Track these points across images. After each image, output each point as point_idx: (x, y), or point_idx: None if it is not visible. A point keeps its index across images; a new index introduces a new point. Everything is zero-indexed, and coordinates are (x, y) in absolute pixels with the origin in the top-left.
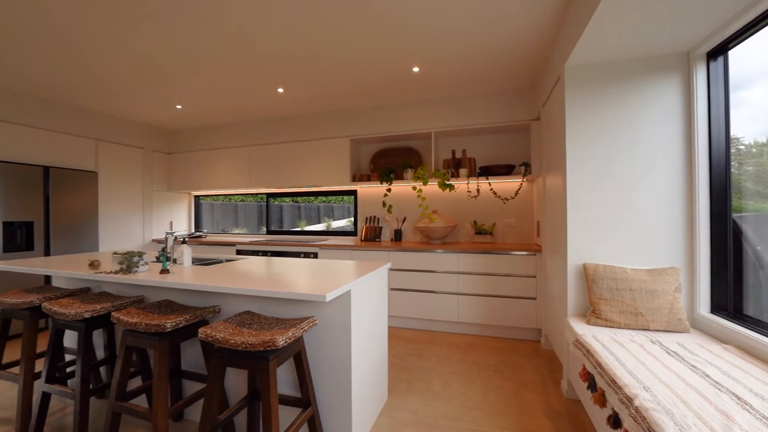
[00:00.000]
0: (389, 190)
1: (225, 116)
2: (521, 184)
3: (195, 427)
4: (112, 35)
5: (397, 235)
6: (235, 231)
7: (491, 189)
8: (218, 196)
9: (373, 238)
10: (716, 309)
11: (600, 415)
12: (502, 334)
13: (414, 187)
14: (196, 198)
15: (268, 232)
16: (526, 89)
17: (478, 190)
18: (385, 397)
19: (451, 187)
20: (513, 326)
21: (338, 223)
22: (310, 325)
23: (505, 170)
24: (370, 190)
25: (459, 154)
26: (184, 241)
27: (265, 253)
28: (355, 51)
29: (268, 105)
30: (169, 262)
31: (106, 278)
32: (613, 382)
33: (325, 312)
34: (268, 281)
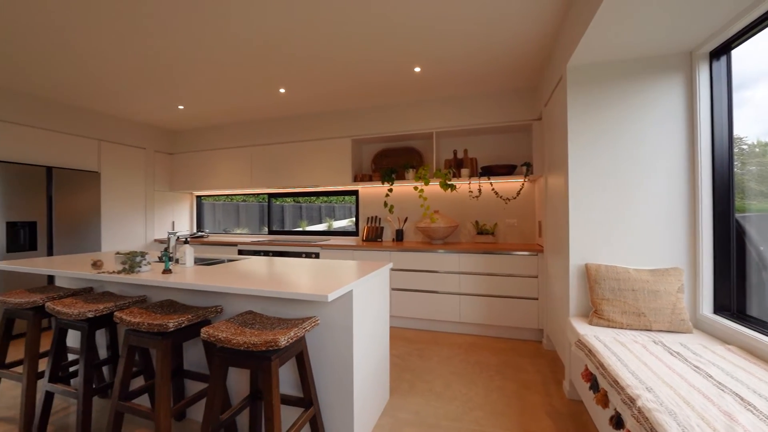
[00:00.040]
0: (391, 191)
1: (227, 116)
2: (523, 184)
3: (197, 427)
4: (111, 35)
5: (399, 236)
6: (237, 231)
7: (493, 189)
8: (220, 196)
9: (375, 239)
10: (719, 309)
11: (602, 416)
12: (504, 334)
13: (415, 188)
14: (198, 198)
15: (270, 232)
16: (528, 89)
17: (479, 190)
18: (386, 397)
19: (453, 187)
20: (515, 326)
21: (339, 223)
22: (312, 325)
23: (507, 170)
24: (372, 190)
25: (460, 154)
26: (186, 241)
27: (266, 253)
28: (356, 51)
29: (270, 105)
30: (172, 262)
31: (109, 278)
32: (616, 382)
33: (327, 312)
34: (270, 281)
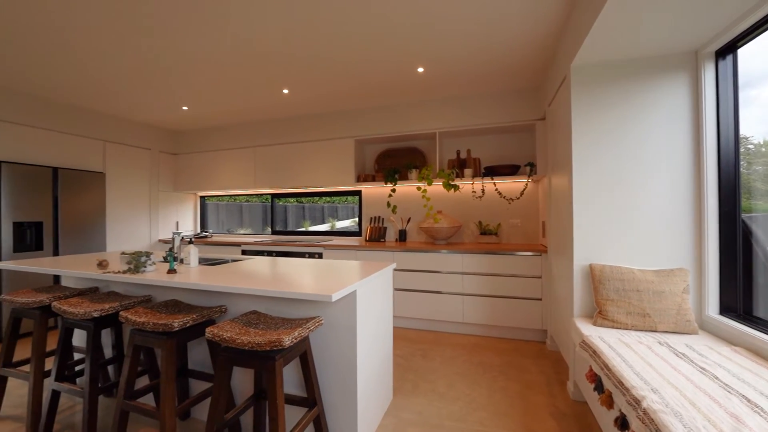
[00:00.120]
0: (394, 191)
1: (230, 117)
2: (526, 185)
3: (201, 426)
4: (111, 35)
5: (402, 236)
6: (240, 231)
7: (496, 189)
8: (223, 196)
9: (378, 239)
10: (725, 310)
11: (607, 417)
12: (507, 334)
13: (418, 188)
14: (202, 198)
15: (273, 233)
16: (532, 89)
17: (483, 191)
18: (390, 397)
19: (456, 188)
20: (518, 327)
21: (342, 224)
22: (316, 325)
23: (510, 170)
24: (375, 191)
25: (464, 155)
26: (190, 242)
27: (270, 254)
28: (357, 51)
29: (273, 106)
30: (176, 262)
31: (115, 278)
32: (621, 383)
33: (331, 312)
34: (274, 281)
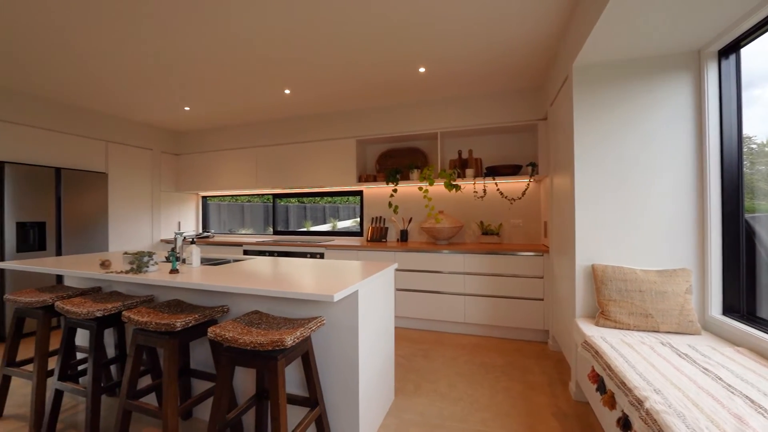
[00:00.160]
0: (395, 191)
1: (232, 118)
2: (528, 185)
3: (203, 426)
4: (112, 35)
5: (403, 236)
6: (242, 231)
7: (498, 189)
8: (225, 196)
9: (379, 239)
10: (728, 311)
11: (609, 418)
12: (509, 335)
13: (420, 188)
14: (204, 198)
15: (275, 233)
16: (533, 89)
17: (484, 191)
18: (391, 397)
19: (458, 188)
20: (520, 327)
21: (344, 224)
22: (318, 325)
23: (512, 170)
24: (376, 191)
25: (465, 155)
26: (192, 242)
27: (271, 254)
28: (358, 51)
29: (275, 106)
30: (179, 262)
31: (117, 278)
32: (623, 384)
33: (333, 312)
34: (276, 281)
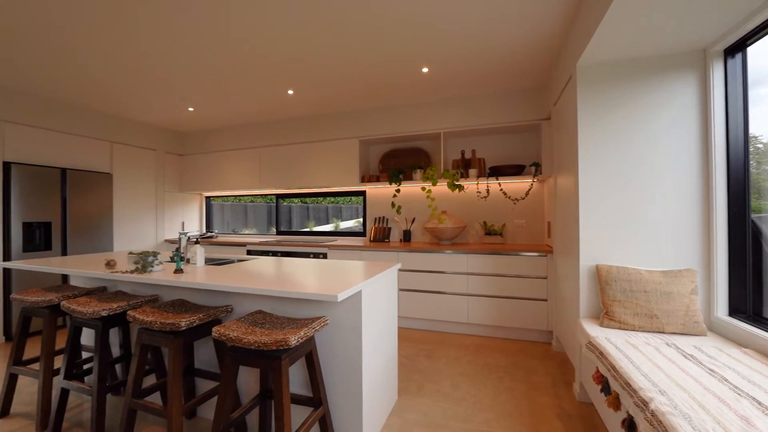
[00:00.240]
0: (398, 191)
1: (235, 118)
2: (532, 185)
3: (207, 425)
4: (112, 35)
5: (406, 236)
6: (245, 231)
7: (501, 189)
8: (228, 196)
9: (382, 239)
10: (734, 312)
11: (614, 419)
12: (513, 335)
13: (423, 188)
14: (207, 199)
15: (278, 233)
16: (537, 89)
17: (487, 191)
18: (395, 397)
19: (461, 188)
20: (523, 328)
21: (346, 224)
22: (322, 325)
23: (515, 170)
24: (379, 191)
25: (468, 155)
26: (197, 242)
27: (275, 254)
28: (359, 52)
29: (278, 107)
30: (183, 262)
31: (123, 278)
32: (628, 385)
33: (336, 312)
34: (280, 281)
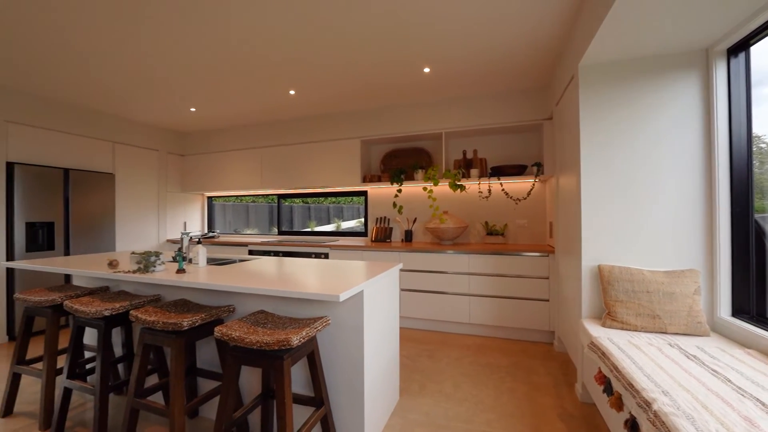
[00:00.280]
0: (400, 191)
1: (237, 118)
2: (533, 185)
3: (209, 424)
4: (112, 35)
5: (408, 236)
6: (247, 231)
7: (503, 189)
8: (230, 197)
9: (384, 239)
10: (738, 312)
11: (616, 419)
12: (514, 335)
13: (424, 188)
14: (209, 199)
15: (279, 233)
16: (539, 88)
17: (489, 191)
18: (396, 397)
19: (462, 188)
20: (525, 328)
21: (348, 224)
22: (324, 325)
23: (517, 170)
24: (381, 191)
25: (470, 155)
26: (199, 242)
27: (276, 254)
28: (361, 52)
29: (280, 107)
30: (185, 262)
31: (125, 277)
32: (631, 385)
33: (338, 312)
34: (282, 281)
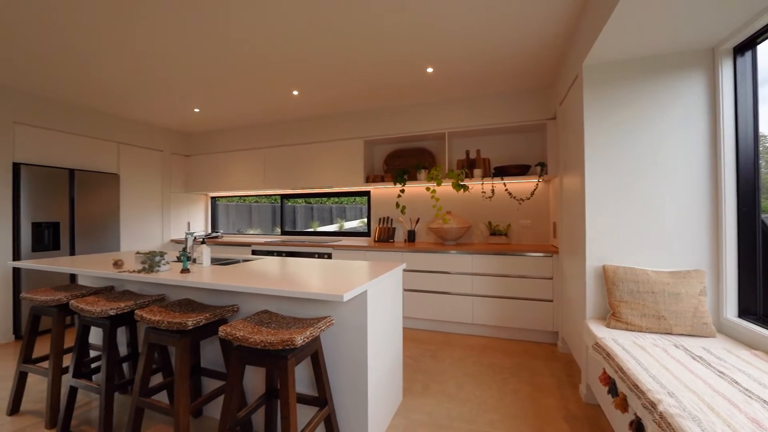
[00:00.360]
0: (403, 191)
1: (241, 119)
2: (537, 185)
3: (214, 424)
4: (112, 35)
5: (411, 236)
6: (250, 231)
7: (506, 189)
8: (233, 197)
9: (387, 239)
10: (744, 313)
11: (621, 421)
12: (518, 336)
13: (427, 188)
14: (213, 199)
15: (283, 233)
16: (542, 88)
17: (492, 191)
18: (399, 398)
19: (465, 188)
20: (529, 329)
21: (351, 224)
22: (327, 325)
23: (521, 170)
24: (384, 191)
25: (473, 155)
26: (203, 242)
27: (279, 254)
28: (361, 52)
29: (283, 108)
30: (189, 262)
31: (130, 277)
32: (636, 386)
33: (342, 312)
34: (285, 281)
